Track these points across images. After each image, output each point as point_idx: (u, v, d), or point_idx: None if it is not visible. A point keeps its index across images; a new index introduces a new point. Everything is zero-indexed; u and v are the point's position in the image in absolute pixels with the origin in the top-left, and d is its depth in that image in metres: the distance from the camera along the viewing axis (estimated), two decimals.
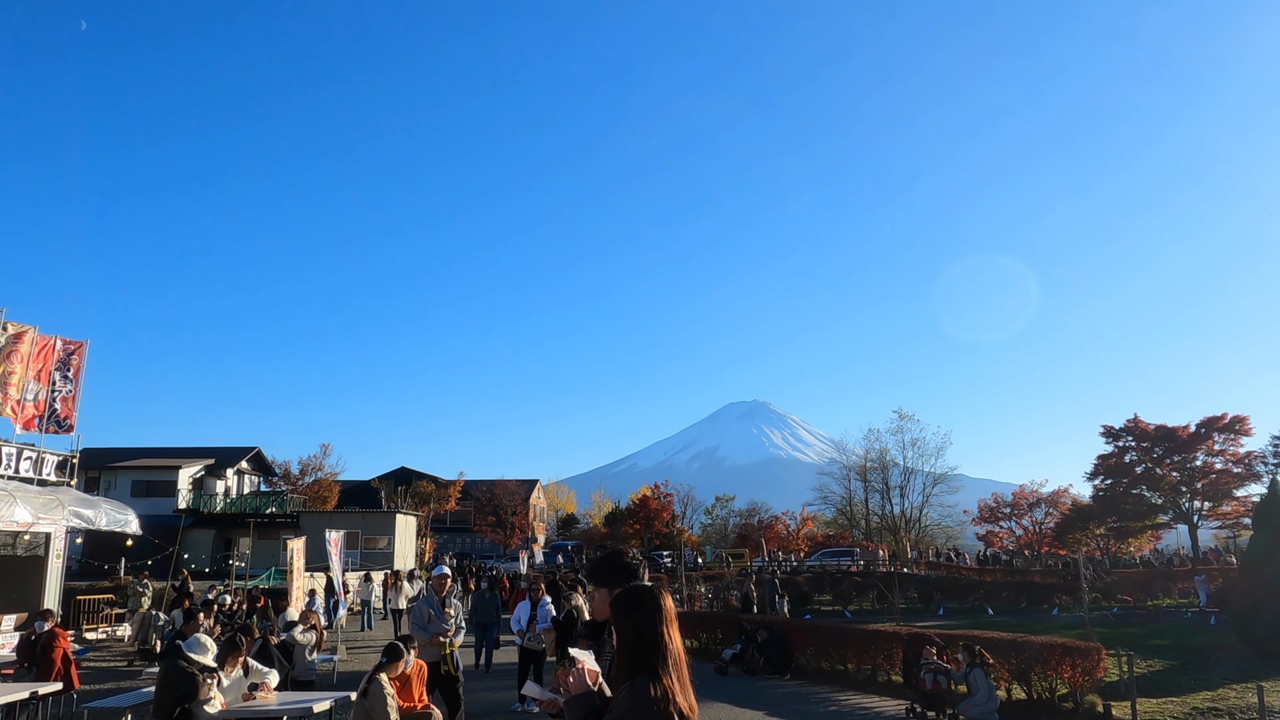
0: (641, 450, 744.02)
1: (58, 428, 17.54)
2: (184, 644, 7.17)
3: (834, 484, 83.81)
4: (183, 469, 54.62)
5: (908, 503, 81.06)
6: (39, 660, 10.51)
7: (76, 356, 17.94)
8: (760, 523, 78.39)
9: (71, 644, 16.31)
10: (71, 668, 10.79)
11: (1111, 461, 51.23)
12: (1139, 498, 50.16)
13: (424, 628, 9.90)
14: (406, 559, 52.17)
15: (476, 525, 76.98)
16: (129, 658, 18.63)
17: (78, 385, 17.90)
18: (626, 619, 3.36)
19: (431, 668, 9.63)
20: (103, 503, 17.12)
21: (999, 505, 62.59)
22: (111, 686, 14.73)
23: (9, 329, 16.28)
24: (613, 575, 3.92)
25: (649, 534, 75.19)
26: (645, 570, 4.03)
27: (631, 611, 3.36)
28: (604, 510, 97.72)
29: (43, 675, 10.35)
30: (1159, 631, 25.70)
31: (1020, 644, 13.32)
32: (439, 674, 9.86)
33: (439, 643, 9.94)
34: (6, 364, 16.29)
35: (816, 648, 17.14)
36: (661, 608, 3.39)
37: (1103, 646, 12.91)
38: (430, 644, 9.79)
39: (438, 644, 9.92)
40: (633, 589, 3.47)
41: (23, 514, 14.90)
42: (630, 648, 3.31)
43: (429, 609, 10.11)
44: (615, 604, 3.43)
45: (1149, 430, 50.05)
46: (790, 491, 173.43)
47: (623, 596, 3.44)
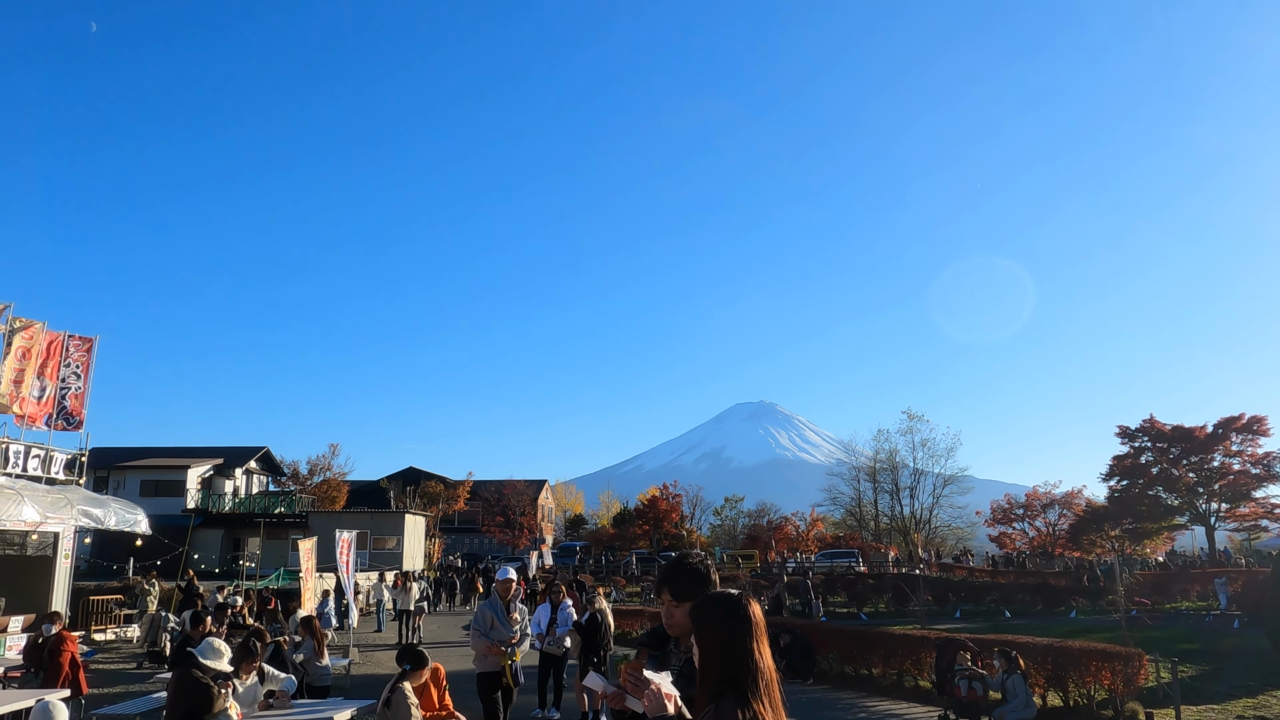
0: (648, 451, 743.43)
1: (67, 425, 17.23)
2: (197, 649, 6.81)
3: (843, 485, 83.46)
4: (191, 469, 54.41)
5: (918, 504, 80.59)
6: (46, 664, 10.15)
7: (86, 353, 17.63)
8: (770, 524, 77.94)
9: (80, 646, 16.01)
10: (80, 672, 10.42)
11: (1127, 462, 50.75)
12: (1155, 499, 49.66)
13: (485, 634, 9.07)
14: (415, 559, 51.86)
15: (485, 526, 76.63)
16: (138, 660, 18.30)
17: (87, 382, 17.59)
18: (711, 632, 2.97)
19: (490, 678, 8.95)
20: (112, 502, 16.81)
21: (1012, 506, 62.05)
22: (120, 690, 14.39)
23: (17, 324, 15.97)
24: (695, 585, 3.55)
25: (658, 535, 74.74)
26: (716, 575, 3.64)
27: (717, 623, 2.97)
28: (612, 511, 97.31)
29: (50, 680, 9.99)
30: (1182, 635, 25.19)
31: (1057, 649, 12.90)
32: (499, 686, 9.04)
33: (500, 651, 9.05)
34: (15, 360, 15.98)
35: (840, 651, 16.73)
36: (751, 619, 3.00)
37: (1144, 652, 12.49)
38: (490, 652, 9.00)
39: (498, 652, 9.05)
40: (718, 597, 3.07)
41: (30, 513, 14.59)
42: (715, 665, 2.92)
43: (492, 613, 9.17)
44: (698, 614, 3.04)
45: (1165, 431, 49.54)
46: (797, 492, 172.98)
47: (706, 606, 3.05)
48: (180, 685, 6.46)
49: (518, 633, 9.18)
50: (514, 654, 9.08)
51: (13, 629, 15.34)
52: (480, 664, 9.04)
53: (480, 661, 9.05)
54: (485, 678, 9.07)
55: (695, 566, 3.62)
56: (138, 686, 15.08)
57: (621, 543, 77.80)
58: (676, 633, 3.67)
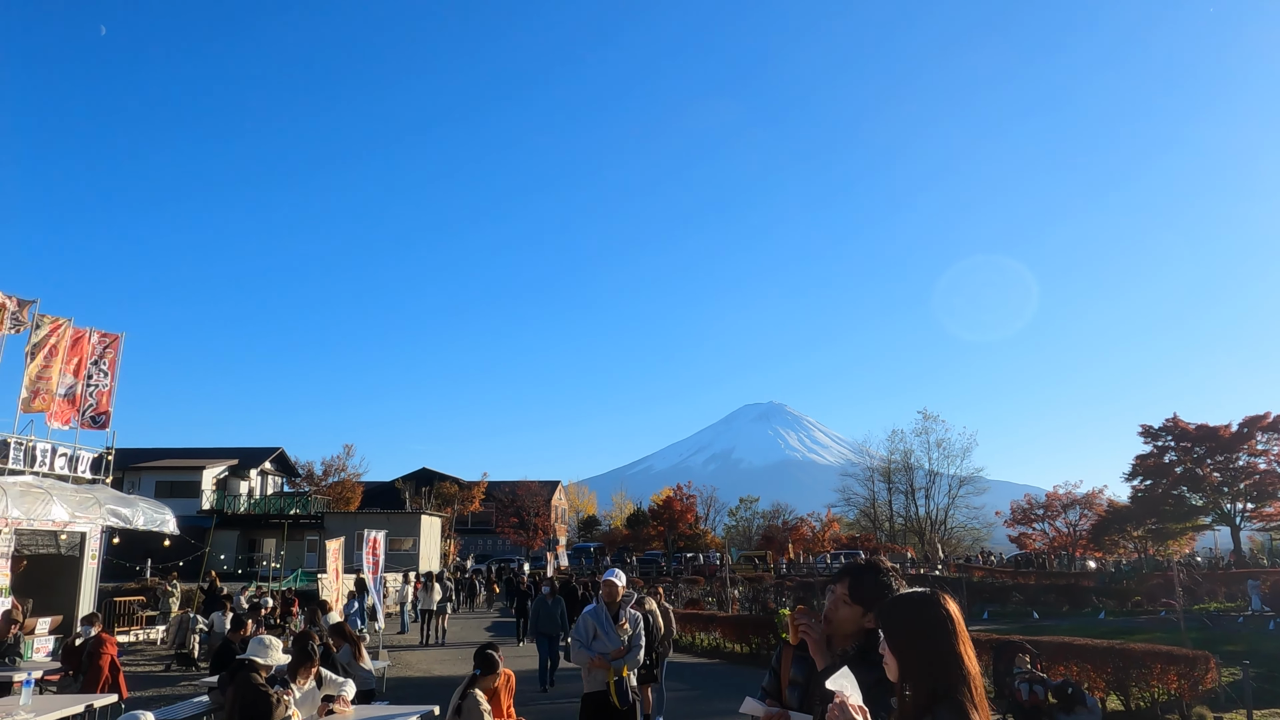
0: (657, 452, 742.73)
1: (93, 424, 16.94)
2: (249, 650, 6.47)
3: (857, 485, 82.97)
4: (207, 469, 54.26)
5: (933, 504, 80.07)
6: (85, 667, 9.83)
7: (112, 350, 17.34)
8: (785, 524, 77.48)
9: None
10: (119, 675, 10.10)
11: (1151, 462, 50.12)
12: (1180, 499, 49.02)
13: (587, 645, 7.66)
14: (431, 560, 51.59)
15: (499, 527, 76.34)
16: (165, 662, 18.01)
17: (113, 380, 17.29)
18: (909, 637, 2.62)
19: (595, 700, 7.54)
20: (140, 501, 16.50)
21: (1032, 506, 61.42)
22: (152, 694, 14.10)
23: (44, 321, 15.68)
24: (875, 590, 3.22)
25: (673, 535, 74.36)
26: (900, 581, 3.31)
27: (915, 627, 2.62)
28: (625, 512, 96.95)
29: (89, 683, 9.67)
30: (1222, 637, 24.69)
31: (1119, 651, 12.47)
32: (605, 706, 7.56)
33: (603, 665, 7.55)
34: (41, 358, 15.70)
35: None
36: (952, 618, 2.64)
37: (1211, 655, 12.06)
38: (594, 666, 7.54)
39: (602, 666, 7.55)
40: (911, 598, 2.72)
41: (59, 512, 14.29)
42: (920, 676, 2.56)
43: (595, 622, 7.78)
44: (889, 617, 2.69)
45: (1189, 430, 48.90)
46: (807, 493, 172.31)
47: (899, 608, 2.69)
48: (241, 695, 6.12)
49: (625, 643, 7.77)
50: (621, 669, 7.61)
51: (40, 630, 15.03)
52: (586, 680, 7.68)
53: (585, 678, 7.69)
54: (590, 700, 7.61)
55: (886, 573, 3.30)
56: (169, 690, 14.81)
57: (635, 544, 77.44)
58: (830, 630, 3.34)
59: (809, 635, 3.16)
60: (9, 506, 13.24)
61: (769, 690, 3.81)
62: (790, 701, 3.56)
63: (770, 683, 3.82)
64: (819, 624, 3.16)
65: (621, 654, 7.65)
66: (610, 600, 7.96)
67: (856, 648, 3.36)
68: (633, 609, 7.98)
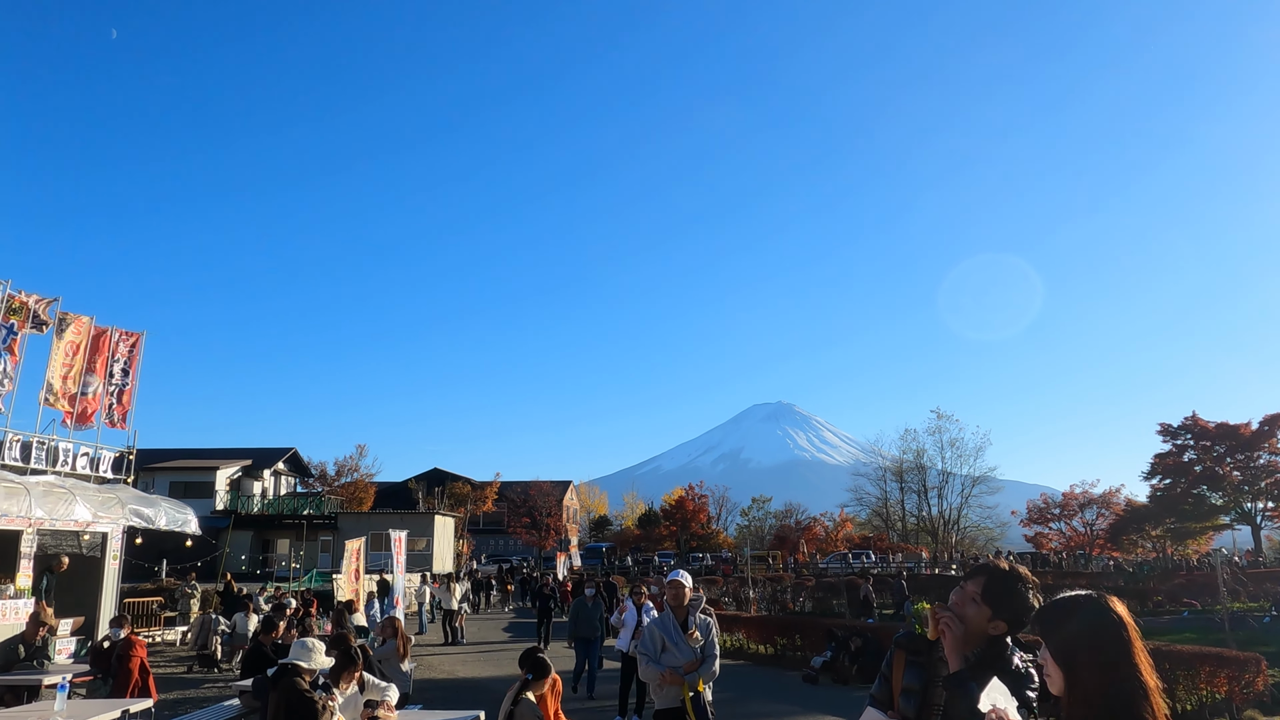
0: (666, 452, 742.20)
1: (114, 423, 16.78)
2: (292, 655, 6.24)
3: (869, 485, 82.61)
4: (220, 470, 54.23)
5: (946, 504, 79.67)
6: (115, 670, 9.64)
7: (133, 348, 17.18)
8: (798, 524, 77.14)
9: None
10: (149, 678, 9.91)
11: (1170, 461, 49.69)
12: (1199, 498, 48.61)
13: (655, 659, 6.75)
14: (445, 560, 51.45)
15: (511, 527, 76.22)
16: (187, 663, 17.83)
17: (134, 379, 17.14)
18: (1077, 648, 2.35)
19: (669, 717, 6.71)
20: (162, 501, 16.33)
21: (1049, 506, 60.97)
22: (177, 696, 13.92)
23: (66, 319, 15.52)
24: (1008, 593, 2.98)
25: (685, 535, 74.14)
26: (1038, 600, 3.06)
27: (1084, 634, 2.35)
28: (637, 512, 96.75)
29: (119, 686, 9.48)
30: (1255, 638, 24.30)
31: (1166, 653, 12.15)
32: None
33: (676, 680, 6.63)
34: (63, 356, 15.55)
35: None
36: (1126, 624, 2.37)
37: (1263, 658, 11.75)
38: (666, 682, 6.65)
39: (675, 682, 6.64)
40: (1078, 601, 2.44)
41: (83, 512, 14.13)
42: (1092, 691, 2.30)
43: (662, 632, 6.84)
44: (1053, 624, 2.41)
45: (1209, 428, 48.48)
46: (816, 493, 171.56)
47: (1065, 613, 2.42)
48: (286, 699, 5.89)
49: (697, 654, 6.77)
50: (696, 682, 6.68)
51: (62, 631, 14.85)
52: (657, 697, 6.85)
53: (656, 694, 6.85)
54: (663, 716, 6.80)
55: (1026, 582, 3.05)
56: (193, 691, 14.63)
57: (647, 544, 77.22)
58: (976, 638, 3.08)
59: (949, 632, 2.90)
60: (32, 506, 13.07)
61: (880, 699, 3.55)
62: (906, 711, 3.31)
63: (881, 690, 3.56)
64: (960, 622, 2.90)
65: (695, 666, 6.69)
66: (677, 605, 6.96)
67: (976, 654, 3.12)
68: (701, 614, 7.01)
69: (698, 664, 6.73)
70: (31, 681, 9.43)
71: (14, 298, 14.34)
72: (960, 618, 3.01)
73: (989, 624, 3.02)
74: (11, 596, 13.74)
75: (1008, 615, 3.00)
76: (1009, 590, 2.98)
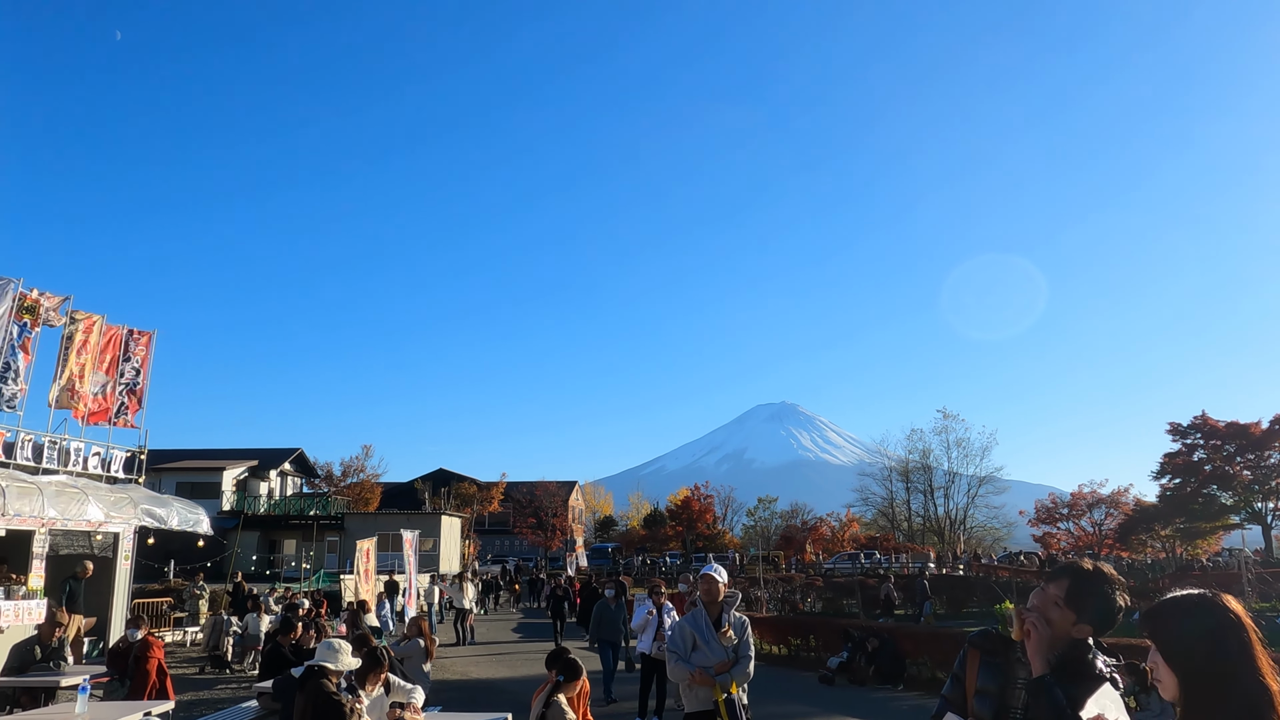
0: (669, 452, 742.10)
1: (125, 423, 16.67)
2: (319, 656, 6.12)
3: (874, 485, 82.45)
4: (227, 470, 54.20)
5: (952, 504, 79.51)
6: (132, 672, 9.52)
7: (144, 347, 17.07)
8: (804, 524, 76.95)
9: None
10: (167, 679, 9.80)
11: (1180, 460, 49.45)
12: (1210, 497, 48.36)
13: (684, 657, 6.25)
14: (452, 561, 51.35)
15: (516, 527, 76.14)
16: (199, 664, 17.74)
17: (145, 378, 17.02)
18: (1194, 649, 2.21)
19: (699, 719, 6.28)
20: (174, 501, 16.23)
21: (1057, 506, 60.71)
22: (192, 697, 13.81)
23: (77, 317, 15.42)
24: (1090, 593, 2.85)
25: (691, 536, 73.98)
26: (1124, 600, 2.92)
27: (1199, 637, 2.21)
28: (642, 512, 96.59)
29: (137, 688, 9.36)
30: (1273, 638, 24.14)
31: None
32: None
33: (706, 680, 6.15)
34: (74, 355, 15.44)
35: (934, 656, 15.88)
36: (1244, 625, 2.24)
37: None
38: (695, 683, 6.18)
39: (705, 683, 6.15)
40: (1191, 600, 2.30)
41: (95, 512, 14.02)
42: (1209, 695, 2.16)
43: (693, 630, 6.34)
44: (1165, 626, 2.27)
45: (1219, 427, 48.23)
46: (820, 493, 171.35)
47: (1178, 614, 2.27)
48: (313, 701, 5.76)
49: (733, 655, 6.26)
50: (729, 684, 6.17)
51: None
52: (687, 699, 6.42)
53: (686, 696, 6.41)
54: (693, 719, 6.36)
55: (1113, 584, 2.90)
56: (206, 693, 14.53)
57: (652, 544, 77.08)
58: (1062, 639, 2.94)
59: (1035, 634, 2.77)
60: (45, 506, 12.97)
61: (953, 699, 3.40)
62: (981, 713, 3.17)
63: (954, 690, 3.41)
64: (1046, 623, 2.77)
65: (727, 667, 6.17)
66: (710, 602, 6.45)
67: (1057, 658, 2.99)
68: (736, 611, 6.53)
69: (730, 664, 6.21)
70: (49, 683, 9.30)
71: (26, 296, 14.22)
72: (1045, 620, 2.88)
73: (1073, 628, 2.89)
74: (24, 597, 13.64)
75: (1093, 619, 2.87)
76: (1094, 592, 2.84)
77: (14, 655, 9.71)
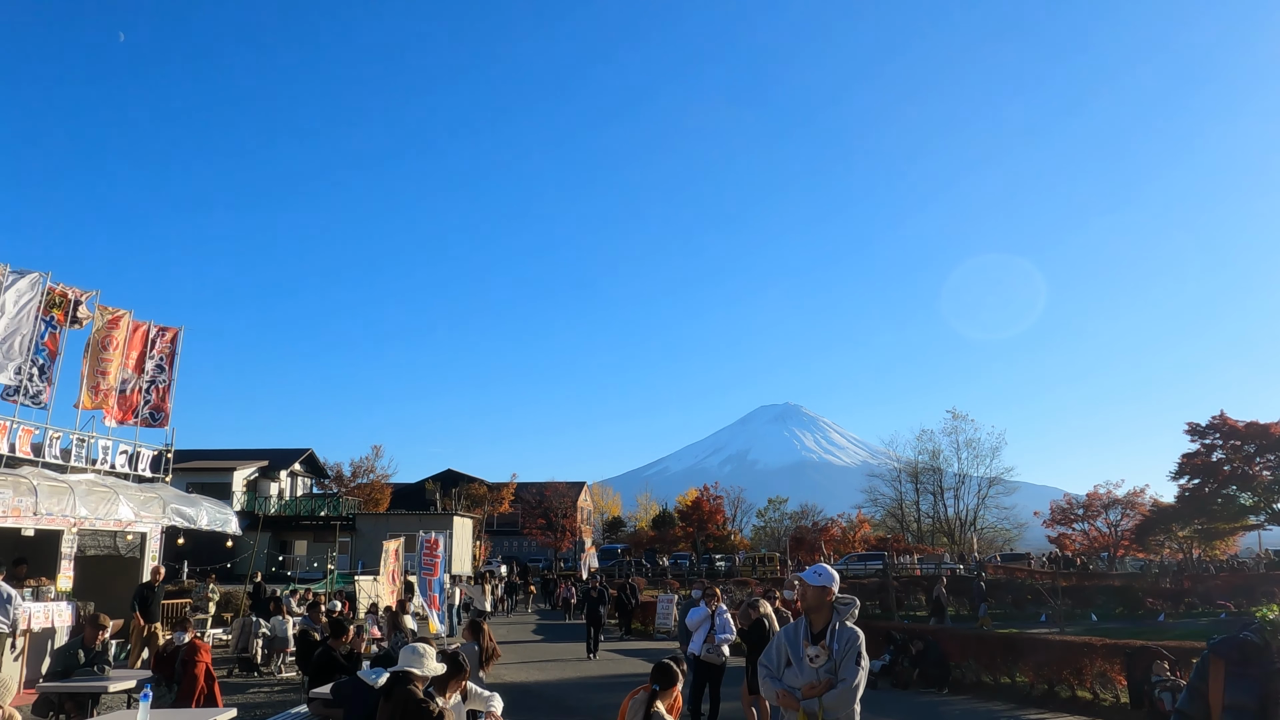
0: (673, 454, 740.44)
1: (152, 420, 16.34)
2: (404, 662, 5.76)
3: (883, 485, 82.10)
4: (237, 471, 53.88)
5: (962, 505, 79.13)
6: (180, 677, 9.14)
7: (171, 344, 16.74)
8: (815, 525, 76.47)
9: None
10: (215, 685, 9.42)
11: (1198, 460, 48.87)
12: (1229, 498, 47.84)
13: (775, 675, 5.36)
14: (463, 562, 50.95)
15: (526, 528, 75.73)
16: (227, 666, 17.35)
17: (172, 374, 16.70)
18: None
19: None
20: (203, 501, 15.91)
21: (1072, 507, 60.24)
22: (239, 701, 13.43)
23: (105, 313, 15.09)
24: None
25: (702, 537, 73.52)
26: None
27: None
28: (651, 513, 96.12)
29: (185, 694, 8.98)
30: None
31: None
32: None
33: (790, 703, 5.17)
34: (101, 351, 15.11)
35: (980, 659, 15.50)
36: None
37: None
38: (779, 704, 5.32)
39: (789, 705, 5.18)
40: None
41: (125, 512, 13.71)
42: None
43: (788, 645, 5.37)
44: None
45: (1238, 427, 47.68)
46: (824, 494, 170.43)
47: None
48: (402, 708, 5.40)
49: (824, 675, 5.13)
50: (816, 711, 5.07)
51: (107, 635, 14.41)
52: None
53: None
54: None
55: None
56: (239, 697, 14.15)
57: (661, 545, 76.61)
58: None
59: None
60: (77, 505, 12.65)
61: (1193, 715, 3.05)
62: None
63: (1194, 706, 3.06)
64: None
65: (817, 691, 5.06)
66: (811, 610, 5.34)
67: None
68: (849, 622, 5.31)
69: (823, 688, 5.06)
70: (95, 688, 8.92)
71: (54, 289, 13.92)
72: None
73: None
74: (53, 598, 13.31)
75: None
76: None
77: (57, 659, 9.36)
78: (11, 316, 13.07)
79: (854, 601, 5.44)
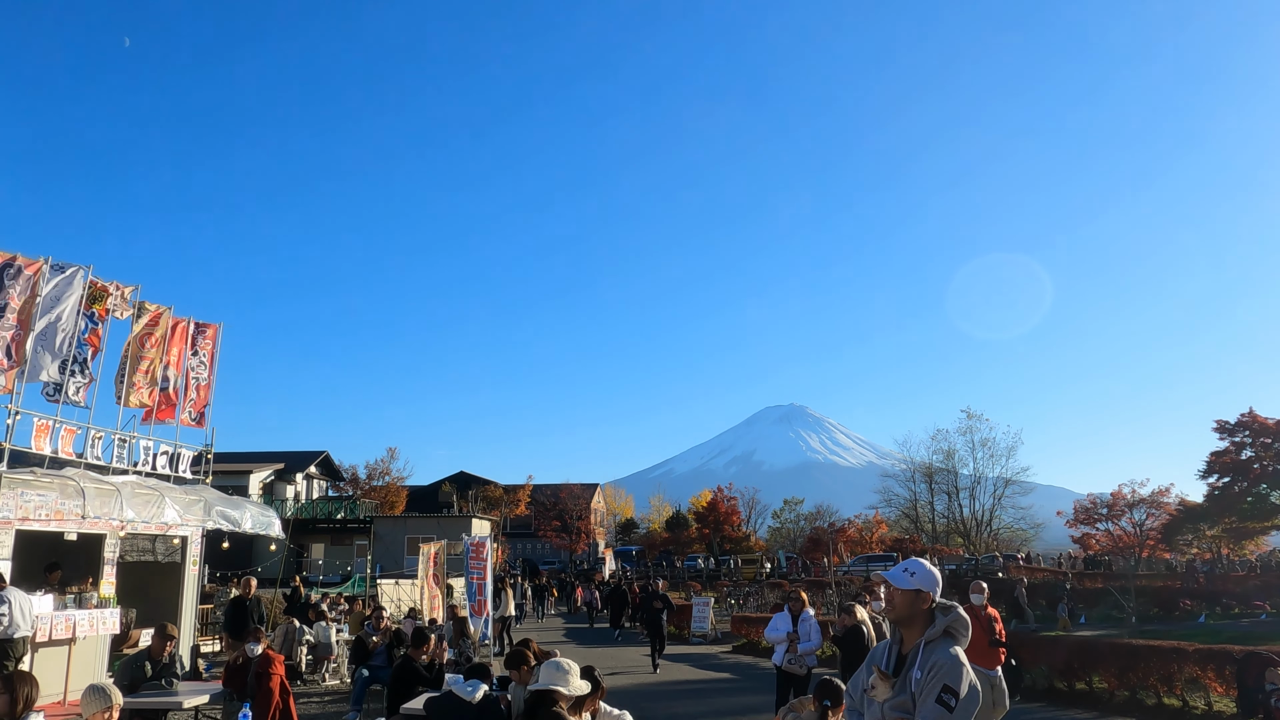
0: (678, 455, 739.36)
1: (192, 419, 15.78)
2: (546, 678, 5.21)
3: (897, 486, 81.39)
4: (253, 474, 53.32)
5: (978, 505, 78.38)
6: (254, 691, 8.56)
7: (211, 340, 16.19)
8: (831, 526, 75.83)
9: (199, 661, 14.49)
10: (290, 699, 8.84)
11: (1228, 459, 48.19)
12: (1260, 496, 47.14)
13: (855, 708, 4.17)
14: None
15: (540, 530, 75.15)
16: None
17: (212, 372, 16.15)
18: None
19: None
20: (247, 504, 15.35)
21: (1095, 506, 59.47)
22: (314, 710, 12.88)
23: (145, 309, 14.54)
24: None
25: (718, 538, 72.91)
26: None
27: None
28: (664, 514, 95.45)
29: (260, 708, 8.39)
30: None
31: None
32: None
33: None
34: (140, 348, 14.56)
35: (1053, 664, 14.90)
36: None
37: None
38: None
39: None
40: None
41: (171, 515, 13.15)
42: None
43: (865, 672, 4.15)
44: None
45: (1268, 425, 47.01)
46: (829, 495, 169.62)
47: None
48: None
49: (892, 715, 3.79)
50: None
51: (144, 643, 13.86)
52: None
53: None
54: None
55: None
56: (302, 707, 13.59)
57: (675, 547, 75.97)
58: None
59: None
60: (123, 508, 12.08)
61: None
62: None
63: None
64: None
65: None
66: (901, 622, 3.98)
67: None
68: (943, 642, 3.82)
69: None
70: (169, 704, 8.36)
71: (95, 283, 13.36)
72: None
73: None
74: (96, 605, 12.76)
75: None
76: None
77: (123, 672, 8.80)
78: (53, 312, 12.51)
79: (955, 610, 3.88)
